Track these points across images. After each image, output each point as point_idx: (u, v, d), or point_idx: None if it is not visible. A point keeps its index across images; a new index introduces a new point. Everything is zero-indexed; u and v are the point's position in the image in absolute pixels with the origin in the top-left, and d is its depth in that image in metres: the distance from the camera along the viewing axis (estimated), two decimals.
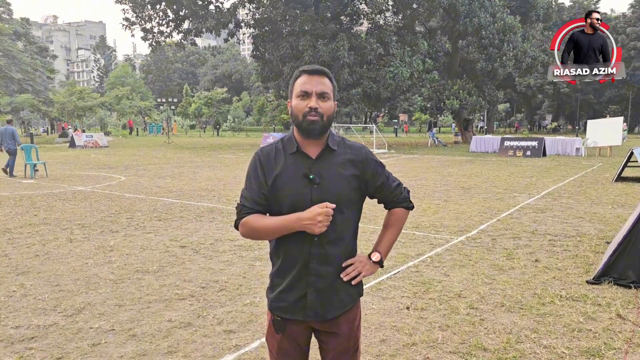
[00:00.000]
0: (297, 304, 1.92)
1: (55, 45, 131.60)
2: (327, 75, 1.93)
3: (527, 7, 33.28)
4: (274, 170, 1.90)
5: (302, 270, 1.90)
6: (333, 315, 1.95)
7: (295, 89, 1.91)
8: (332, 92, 1.93)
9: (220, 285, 4.87)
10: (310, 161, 1.89)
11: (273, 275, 2.00)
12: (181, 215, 8.43)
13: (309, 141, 1.91)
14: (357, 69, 28.49)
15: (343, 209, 1.90)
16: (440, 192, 11.17)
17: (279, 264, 1.96)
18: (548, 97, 61.32)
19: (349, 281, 1.99)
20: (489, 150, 25.47)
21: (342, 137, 2.04)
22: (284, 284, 1.93)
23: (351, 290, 1.99)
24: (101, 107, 49.24)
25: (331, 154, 1.92)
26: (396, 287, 4.81)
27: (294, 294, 1.92)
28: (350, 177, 1.92)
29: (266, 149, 1.96)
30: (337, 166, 1.91)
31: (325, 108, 1.88)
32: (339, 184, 1.90)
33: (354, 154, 1.96)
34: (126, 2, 30.42)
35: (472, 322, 3.97)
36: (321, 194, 1.86)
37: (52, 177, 14.33)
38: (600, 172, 15.52)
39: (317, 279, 1.90)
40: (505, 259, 5.74)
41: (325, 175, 1.88)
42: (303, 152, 1.91)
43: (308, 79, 1.89)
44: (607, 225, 7.64)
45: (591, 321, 3.99)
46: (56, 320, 4.03)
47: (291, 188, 1.87)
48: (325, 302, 1.92)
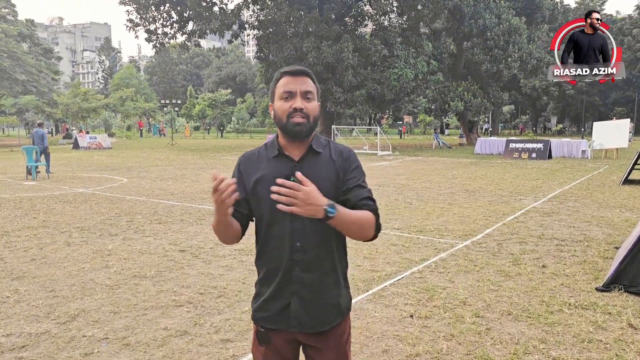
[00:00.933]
0: (281, 313, 1.82)
1: (61, 46, 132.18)
2: (309, 75, 1.83)
3: (532, 8, 33.08)
4: (255, 174, 1.83)
5: (286, 278, 1.80)
6: (319, 329, 1.84)
7: (277, 91, 1.82)
8: (315, 93, 1.84)
9: (219, 292, 4.74)
10: (293, 163, 1.80)
11: (257, 284, 1.91)
12: (182, 219, 8.32)
13: (293, 144, 1.82)
14: (362, 71, 28.36)
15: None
16: (444, 195, 11.02)
17: (263, 272, 1.88)
18: (553, 99, 61.01)
19: (339, 290, 1.88)
20: (493, 153, 25.28)
21: (329, 139, 1.93)
22: (268, 293, 1.84)
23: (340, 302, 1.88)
24: (105, 108, 49.31)
25: (315, 157, 1.83)
26: (399, 293, 4.68)
27: (278, 303, 1.82)
28: (334, 180, 1.81)
29: (248, 153, 1.90)
30: (320, 169, 1.81)
31: (311, 108, 1.79)
32: (322, 188, 1.73)
33: (339, 156, 1.85)
34: (130, 3, 30.41)
35: (478, 332, 3.83)
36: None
37: (53, 178, 14.26)
38: (606, 174, 15.32)
39: (301, 286, 1.80)
40: (512, 265, 5.60)
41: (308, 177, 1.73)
42: (285, 155, 1.82)
43: (291, 80, 1.80)
44: (615, 229, 7.47)
45: (601, 331, 3.84)
46: (49, 328, 3.92)
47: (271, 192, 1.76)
48: (310, 311, 1.81)
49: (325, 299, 1.84)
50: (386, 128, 62.47)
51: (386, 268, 5.47)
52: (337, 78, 27.92)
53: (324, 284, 1.83)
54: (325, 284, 1.83)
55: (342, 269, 1.92)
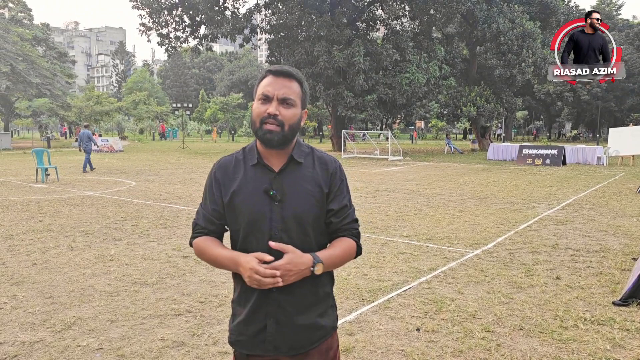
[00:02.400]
0: (256, 337, 1.68)
1: (76, 50, 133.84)
2: (295, 78, 1.66)
3: (547, 12, 32.66)
4: (232, 185, 1.68)
5: (262, 299, 1.65)
6: (299, 352, 1.69)
7: (258, 91, 1.67)
8: (299, 99, 1.66)
9: (220, 300, 4.61)
10: (273, 174, 1.66)
11: (234, 303, 1.77)
12: (187, 223, 8.22)
13: (271, 152, 1.67)
14: (373, 75, 28.18)
15: (307, 229, 1.66)
16: (455, 202, 10.81)
17: (238, 290, 1.73)
18: (568, 105, 60.26)
19: (322, 309, 1.73)
20: (506, 158, 24.94)
21: (312, 147, 1.78)
22: (243, 315, 1.70)
23: (322, 323, 1.73)
24: (118, 111, 49.66)
25: (296, 167, 1.68)
26: (406, 305, 4.51)
27: (253, 326, 1.68)
28: (317, 193, 1.67)
29: (224, 161, 1.75)
30: (302, 181, 1.67)
31: (287, 115, 1.62)
32: (304, 201, 1.65)
33: (322, 168, 1.71)
34: (143, 7, 30.58)
35: (488, 348, 3.65)
36: (283, 212, 1.63)
37: (63, 181, 14.28)
38: (623, 182, 14.98)
39: (278, 309, 1.65)
40: (524, 276, 5.40)
41: (288, 191, 1.65)
42: (264, 164, 1.67)
43: (272, 81, 1.64)
44: (633, 239, 7.22)
45: (619, 349, 3.64)
46: (43, 337, 3.81)
47: (250, 205, 1.64)
48: (287, 335, 1.67)
49: (304, 321, 1.69)
50: (398, 133, 62.20)
51: (393, 277, 5.30)
52: (348, 82, 27.78)
53: (303, 305, 1.68)
54: (304, 306, 1.68)
55: (325, 287, 1.76)
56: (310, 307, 1.70)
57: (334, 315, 1.80)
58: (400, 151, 27.89)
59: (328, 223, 1.72)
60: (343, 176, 1.76)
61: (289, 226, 1.64)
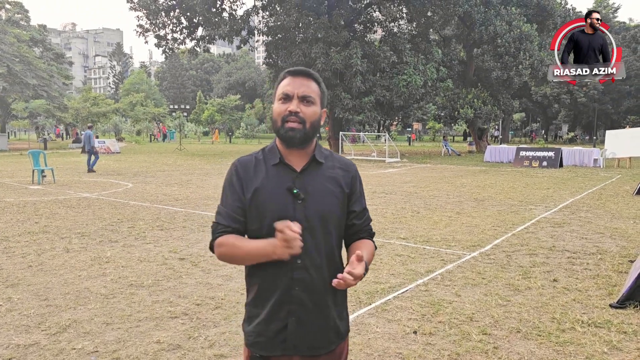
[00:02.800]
0: (277, 337, 1.67)
1: (74, 52, 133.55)
2: (313, 77, 1.69)
3: (544, 15, 32.76)
4: (253, 182, 1.67)
5: (283, 298, 1.65)
6: (317, 352, 1.70)
7: (277, 92, 1.69)
8: (318, 97, 1.69)
9: (216, 303, 4.59)
10: (295, 174, 1.66)
11: (249, 305, 1.75)
12: (184, 225, 8.19)
13: (292, 152, 1.68)
14: (370, 77, 28.19)
15: (331, 228, 1.68)
16: (452, 204, 10.80)
17: (254, 292, 1.72)
18: (565, 107, 60.40)
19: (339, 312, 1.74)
20: (503, 160, 24.97)
21: (331, 151, 1.80)
22: (262, 315, 1.68)
23: (339, 325, 1.74)
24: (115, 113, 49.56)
25: (318, 167, 1.70)
26: (403, 307, 4.49)
27: (273, 327, 1.67)
28: (339, 193, 1.70)
29: (244, 159, 1.74)
30: (324, 181, 1.69)
31: (309, 113, 1.65)
32: (326, 200, 1.67)
33: (343, 169, 1.74)
34: (140, 9, 30.53)
35: (485, 350, 3.64)
36: (305, 211, 1.63)
37: (59, 183, 14.22)
38: (619, 184, 15.01)
39: (300, 307, 1.65)
40: (521, 278, 5.39)
41: (310, 190, 1.66)
42: (286, 164, 1.68)
43: (291, 81, 1.67)
44: (630, 241, 7.23)
45: (616, 352, 3.63)
46: (38, 339, 3.78)
47: (273, 203, 1.64)
48: (308, 334, 1.67)
49: (325, 322, 1.70)
50: (395, 135, 62.23)
51: (390, 280, 5.28)
52: (346, 84, 27.78)
53: (324, 305, 1.69)
54: (325, 306, 1.70)
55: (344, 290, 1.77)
56: (330, 307, 1.71)
57: (348, 320, 1.82)
58: (397, 153, 27.90)
59: (350, 225, 1.77)
60: (361, 179, 1.82)
61: (312, 225, 1.65)
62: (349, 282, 1.53)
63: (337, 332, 1.74)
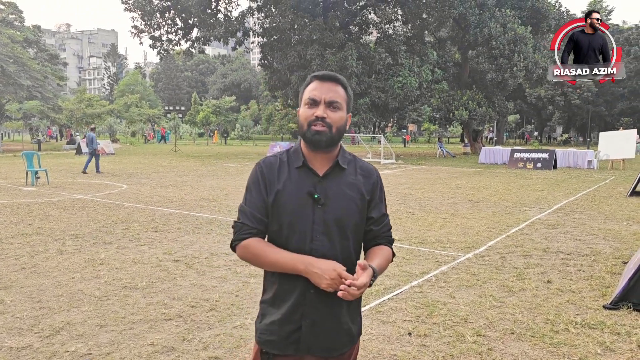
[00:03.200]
0: (290, 337, 1.69)
1: (68, 52, 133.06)
2: (340, 82, 1.71)
3: (538, 17, 32.91)
4: (277, 184, 1.69)
5: (300, 300, 1.67)
6: (329, 354, 1.72)
7: (304, 96, 1.71)
8: (344, 102, 1.71)
9: (211, 305, 4.57)
10: (317, 178, 1.69)
11: (266, 304, 1.76)
12: (179, 227, 8.17)
13: (316, 155, 1.70)
14: (365, 79, 28.25)
15: (348, 234, 1.71)
16: (447, 205, 10.83)
17: (273, 291, 1.73)
18: (559, 109, 60.70)
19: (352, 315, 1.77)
20: (498, 162, 25.05)
21: (355, 155, 1.81)
22: (278, 316, 1.70)
23: (352, 328, 1.76)
24: (110, 114, 49.39)
25: (340, 173, 1.72)
26: (398, 309, 4.50)
27: (287, 328, 1.69)
28: (359, 200, 1.72)
29: (269, 160, 1.75)
30: (345, 187, 1.71)
31: (335, 118, 1.67)
32: (345, 206, 1.69)
33: (364, 176, 1.76)
34: (135, 10, 30.48)
35: (479, 352, 3.64)
36: (325, 216, 1.66)
37: (53, 184, 14.16)
38: (613, 185, 15.09)
39: (314, 310, 1.67)
40: (516, 280, 5.41)
41: (331, 195, 1.68)
42: (309, 167, 1.70)
43: (318, 86, 1.68)
44: (623, 243, 7.27)
45: (610, 353, 3.65)
46: (31, 342, 3.76)
47: (293, 206, 1.66)
48: (321, 337, 1.69)
49: (339, 325, 1.72)
50: (390, 136, 62.31)
51: (385, 281, 5.29)
52: None
53: (338, 309, 1.71)
54: (339, 310, 1.71)
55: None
56: (346, 311, 1.73)
57: (360, 323, 1.83)
58: (392, 154, 27.94)
59: (368, 231, 1.79)
60: (382, 185, 1.83)
61: (330, 230, 1.67)
62: (353, 293, 1.55)
63: (350, 335, 1.76)
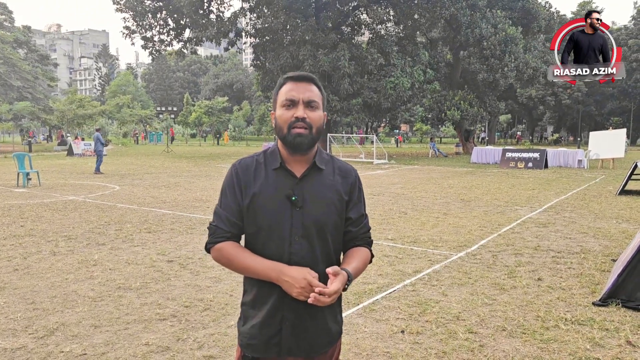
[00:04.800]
0: (271, 340, 1.69)
1: (58, 53, 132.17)
2: (314, 82, 1.70)
3: (529, 18, 33.18)
4: (253, 186, 1.67)
5: (278, 303, 1.66)
6: (310, 355, 1.72)
7: (279, 98, 1.69)
8: (320, 101, 1.70)
9: (205, 304, 4.60)
10: (294, 180, 1.67)
11: (246, 306, 1.76)
12: (172, 228, 8.17)
13: (294, 157, 1.69)
14: (358, 79, 28.33)
15: (327, 236, 1.69)
16: (439, 205, 10.90)
17: (253, 293, 1.72)
18: (549, 109, 61.15)
19: (332, 316, 1.76)
20: (490, 162, 25.22)
21: (331, 155, 1.81)
22: (258, 319, 1.70)
23: (332, 329, 1.76)
24: (101, 115, 49.14)
25: (318, 174, 1.70)
26: (391, 307, 4.54)
27: (268, 331, 1.68)
28: (337, 201, 1.70)
29: (245, 162, 1.73)
30: (323, 188, 1.69)
31: (314, 118, 1.66)
32: (323, 208, 1.68)
33: (343, 177, 1.75)
34: (127, 10, 30.36)
35: (471, 349, 3.69)
36: (303, 218, 1.64)
37: (45, 186, 14.09)
38: (603, 184, 15.25)
39: (294, 312, 1.67)
40: (507, 277, 5.47)
41: (309, 197, 1.66)
42: (287, 169, 1.68)
43: (294, 86, 1.67)
44: (612, 241, 7.36)
45: (599, 348, 3.71)
46: (25, 343, 3.76)
47: (270, 209, 1.65)
48: (301, 338, 1.69)
49: (319, 326, 1.72)
50: (383, 137, 62.45)
51: (378, 280, 5.33)
52: (334, 86, 27.88)
53: (317, 310, 1.69)
54: (319, 311, 1.70)
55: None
56: (324, 313, 1.73)
57: (341, 322, 1.84)
58: (385, 155, 28.02)
59: (346, 232, 1.77)
60: (361, 185, 1.82)
61: (309, 232, 1.65)
62: (323, 301, 1.54)
63: (330, 335, 1.76)
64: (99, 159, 18.16)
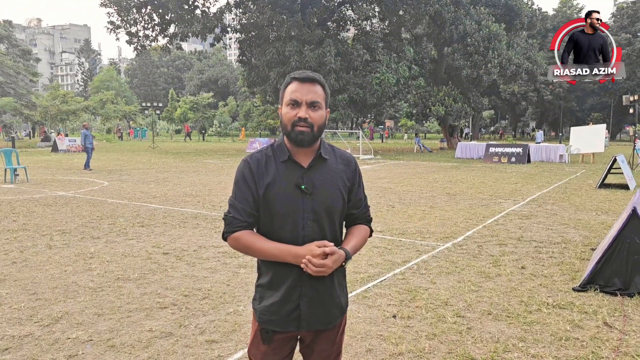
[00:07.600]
0: (290, 315, 1.87)
1: (39, 48, 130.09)
2: (319, 82, 1.86)
3: (511, 15, 33.65)
4: (265, 178, 1.84)
5: (296, 282, 1.85)
6: (326, 327, 1.93)
7: (285, 97, 1.85)
8: (323, 101, 1.86)
9: (203, 294, 4.76)
10: (302, 170, 1.84)
11: (262, 287, 1.93)
12: (164, 222, 8.29)
13: (300, 150, 1.86)
14: (344, 75, 28.53)
15: (335, 218, 1.90)
16: (426, 199, 11.16)
17: (270, 275, 1.90)
18: (532, 104, 62.06)
19: (341, 290, 1.98)
20: (474, 157, 25.63)
21: (332, 145, 2.00)
22: (277, 297, 1.88)
23: (342, 302, 1.98)
24: (85, 111, 48.67)
25: (323, 163, 1.89)
26: (382, 295, 4.75)
27: (287, 307, 1.87)
28: (342, 186, 1.90)
29: (256, 156, 1.89)
30: (329, 175, 1.88)
31: (316, 118, 1.82)
32: (331, 194, 1.87)
33: (345, 164, 1.94)
34: (111, 5, 30.12)
35: (459, 331, 3.92)
36: (313, 205, 1.83)
37: (33, 181, 14.06)
38: (583, 178, 15.67)
39: (311, 289, 1.86)
40: (492, 266, 5.72)
41: (317, 185, 1.84)
42: (294, 161, 1.85)
43: (298, 87, 1.82)
44: (592, 231, 7.67)
45: (578, 329, 3.96)
46: (32, 331, 3.90)
47: (283, 198, 1.82)
48: (318, 313, 1.89)
49: (332, 299, 1.92)
50: (368, 132, 62.76)
51: (369, 270, 5.54)
52: None
53: (330, 285, 1.90)
54: (331, 286, 1.90)
55: (344, 270, 2.00)
56: (335, 287, 1.93)
57: (347, 296, 2.04)
58: (371, 150, 28.28)
59: (349, 214, 1.99)
60: (360, 171, 2.02)
61: (319, 216, 1.84)
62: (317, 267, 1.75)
63: (341, 308, 1.97)
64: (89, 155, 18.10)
